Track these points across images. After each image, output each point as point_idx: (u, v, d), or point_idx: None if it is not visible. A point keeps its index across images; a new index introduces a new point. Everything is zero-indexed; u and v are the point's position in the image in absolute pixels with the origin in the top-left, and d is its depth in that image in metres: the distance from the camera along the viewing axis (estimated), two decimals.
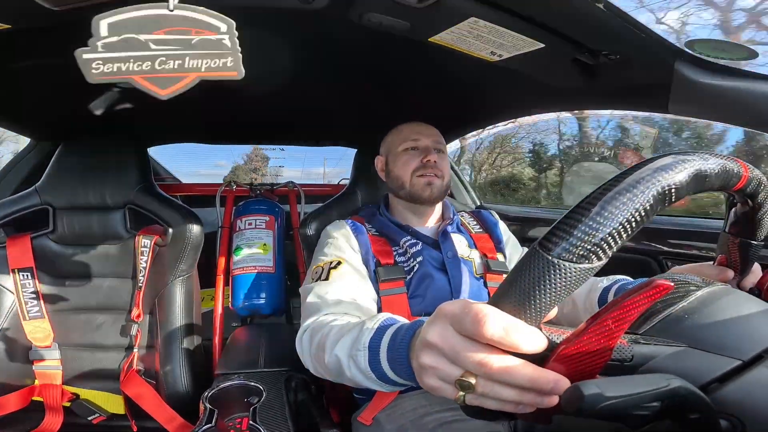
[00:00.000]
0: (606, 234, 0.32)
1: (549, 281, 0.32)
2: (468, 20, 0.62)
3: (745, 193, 0.42)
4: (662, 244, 1.12)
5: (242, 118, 1.38)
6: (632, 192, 0.32)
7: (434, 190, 1.00)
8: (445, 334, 0.36)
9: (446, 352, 0.36)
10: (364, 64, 0.95)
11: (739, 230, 0.51)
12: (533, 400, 0.33)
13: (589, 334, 0.32)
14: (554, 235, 0.33)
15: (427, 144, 1.03)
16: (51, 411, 1.12)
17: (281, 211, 1.50)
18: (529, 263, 0.33)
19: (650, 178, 0.33)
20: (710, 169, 0.36)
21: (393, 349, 0.51)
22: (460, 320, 0.35)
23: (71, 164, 1.18)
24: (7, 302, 1.15)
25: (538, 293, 0.32)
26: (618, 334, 0.32)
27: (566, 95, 0.94)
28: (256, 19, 0.72)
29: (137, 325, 1.17)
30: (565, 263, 0.32)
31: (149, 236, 1.18)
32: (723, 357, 0.34)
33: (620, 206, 0.32)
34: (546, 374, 0.32)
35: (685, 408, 0.31)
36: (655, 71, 0.69)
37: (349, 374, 0.60)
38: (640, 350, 0.35)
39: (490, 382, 0.34)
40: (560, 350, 0.33)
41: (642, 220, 0.32)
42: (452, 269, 0.94)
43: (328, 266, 0.88)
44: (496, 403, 0.34)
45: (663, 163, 0.34)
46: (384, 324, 0.56)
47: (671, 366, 0.34)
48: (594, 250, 0.32)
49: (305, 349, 0.74)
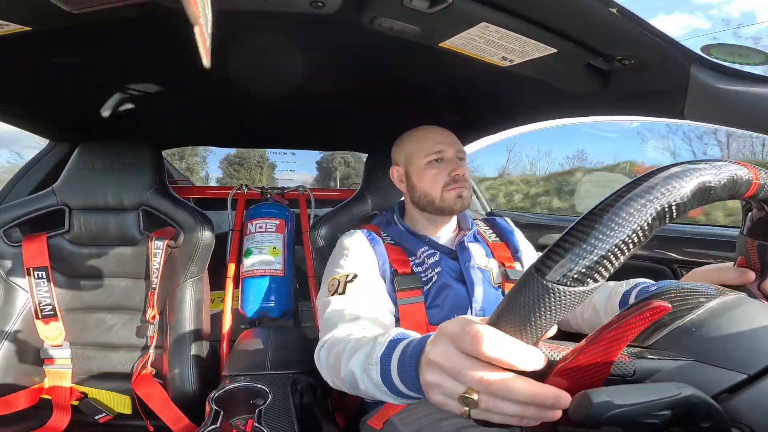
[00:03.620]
0: (600, 257, 0.31)
1: (544, 305, 0.32)
2: (479, 25, 0.62)
3: (758, 199, 0.41)
4: (677, 252, 1.10)
5: (254, 121, 1.39)
6: (628, 212, 0.31)
7: (465, 202, 0.99)
8: (447, 352, 0.38)
9: (448, 370, 0.38)
10: (375, 69, 0.96)
11: (757, 233, 0.49)
12: (536, 414, 0.34)
13: (586, 353, 0.32)
14: (549, 259, 0.32)
15: (452, 155, 1.00)
16: (59, 409, 1.14)
17: (291, 215, 1.50)
18: (525, 286, 0.33)
19: (648, 196, 0.31)
20: (715, 180, 0.34)
21: (402, 363, 0.52)
22: (460, 339, 0.36)
23: (88, 165, 1.21)
24: (20, 300, 1.17)
25: (534, 316, 0.33)
26: (616, 353, 0.32)
27: (579, 101, 0.93)
28: (267, 24, 0.73)
29: (153, 326, 1.18)
30: (560, 287, 0.31)
31: (162, 238, 1.19)
32: (728, 371, 0.33)
33: (615, 228, 0.31)
34: (546, 389, 0.33)
35: (697, 416, 0.30)
36: (670, 76, 0.68)
37: (364, 387, 0.61)
38: (643, 365, 0.35)
39: (492, 398, 0.35)
40: (558, 367, 0.33)
41: (640, 240, 0.31)
42: (471, 279, 0.93)
43: (345, 279, 0.88)
44: (499, 417, 0.36)
45: (663, 177, 0.32)
46: (395, 339, 0.57)
47: (675, 380, 0.33)
48: (589, 274, 0.31)
49: (323, 364, 0.75)
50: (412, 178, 1.03)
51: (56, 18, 0.59)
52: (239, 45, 0.82)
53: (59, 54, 0.82)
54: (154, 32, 0.76)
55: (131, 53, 0.85)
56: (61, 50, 0.80)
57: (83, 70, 0.93)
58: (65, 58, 0.84)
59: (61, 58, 0.84)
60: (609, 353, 0.32)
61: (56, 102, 1.12)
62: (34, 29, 0.63)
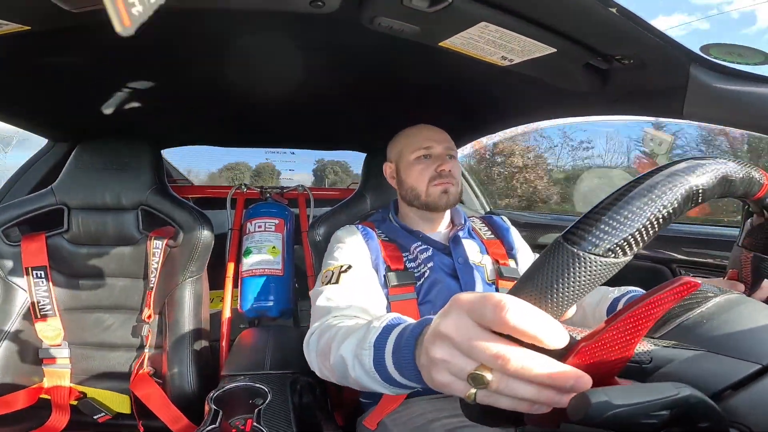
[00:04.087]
0: (634, 230, 0.31)
1: (573, 273, 0.31)
2: (478, 25, 0.62)
3: (763, 204, 0.42)
4: (676, 252, 1.10)
5: (253, 121, 1.39)
6: (661, 190, 0.32)
7: (450, 198, 1.00)
8: (460, 324, 0.34)
9: (460, 344, 0.33)
10: (374, 69, 0.96)
11: (753, 243, 0.50)
12: (551, 398, 0.31)
13: (611, 331, 0.30)
14: (580, 228, 0.32)
15: (440, 151, 1.02)
16: (58, 409, 1.14)
17: (291, 215, 1.50)
18: (552, 255, 0.32)
19: (679, 178, 0.33)
20: (735, 174, 0.36)
21: (398, 347, 0.50)
22: (479, 309, 0.33)
23: (87, 165, 1.20)
24: (19, 300, 1.17)
25: (561, 285, 0.31)
26: (642, 332, 0.30)
27: (578, 100, 0.93)
28: (267, 23, 0.73)
29: (148, 326, 1.18)
30: (591, 256, 0.31)
31: (161, 237, 1.19)
32: (742, 361, 0.33)
33: (649, 203, 0.32)
34: (567, 369, 0.30)
35: (695, 416, 0.30)
36: (669, 76, 0.68)
37: (354, 375, 0.58)
38: (659, 353, 0.35)
39: (506, 378, 0.31)
40: (580, 347, 0.31)
41: (668, 218, 0.32)
42: (463, 275, 0.93)
43: (339, 270, 0.88)
44: (509, 401, 0.32)
45: (692, 164, 0.34)
46: (391, 323, 0.55)
47: (690, 370, 0.34)
48: (621, 245, 0.31)
49: (312, 351, 0.74)
50: (401, 173, 1.05)
51: (56, 17, 0.59)
52: (239, 44, 0.82)
53: (58, 53, 0.82)
54: (153, 31, 0.76)
55: (130, 53, 0.85)
56: (60, 50, 0.80)
57: (82, 69, 0.92)
58: (64, 57, 0.84)
59: (60, 58, 0.84)
60: (635, 332, 0.30)
61: (55, 101, 1.12)
62: (34, 29, 0.62)
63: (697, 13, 25.11)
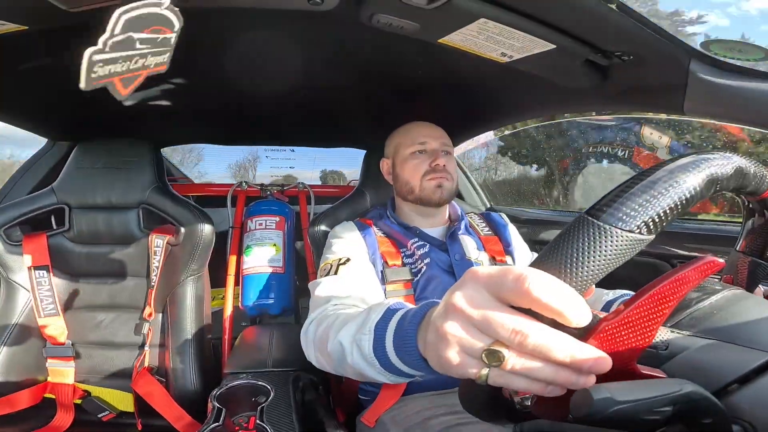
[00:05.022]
0: (659, 208, 0.32)
1: (600, 246, 0.30)
2: (478, 21, 0.62)
3: (766, 205, 0.43)
4: (676, 248, 1.10)
5: (253, 119, 1.39)
6: (686, 174, 0.33)
7: (444, 193, 1.00)
8: (476, 297, 0.32)
9: (476, 319, 0.31)
10: (373, 66, 0.96)
11: (751, 246, 0.51)
12: (568, 379, 0.30)
13: (635, 310, 0.30)
14: (605, 204, 0.32)
15: (435, 147, 1.03)
16: (62, 408, 1.14)
17: (291, 212, 1.50)
18: (577, 228, 0.32)
19: (701, 165, 0.34)
20: (749, 168, 0.38)
21: (400, 331, 0.48)
22: (499, 281, 0.31)
23: (87, 164, 1.21)
24: (22, 299, 1.17)
25: (587, 258, 0.30)
26: (665, 313, 0.30)
27: (578, 97, 0.93)
28: (266, 21, 0.73)
29: (149, 324, 1.19)
30: (616, 230, 0.31)
31: (162, 236, 1.19)
32: (753, 350, 0.34)
33: (674, 184, 0.32)
34: (588, 349, 0.29)
35: (698, 413, 0.30)
36: (669, 72, 0.68)
37: (351, 361, 0.56)
38: (675, 341, 0.36)
39: (523, 356, 0.30)
40: (602, 326, 0.30)
41: (689, 203, 0.33)
42: (460, 271, 0.94)
43: (337, 263, 0.89)
44: (524, 381, 0.31)
45: (710, 155, 0.36)
46: (393, 308, 0.53)
47: (704, 358, 0.34)
48: (647, 222, 0.31)
49: (309, 339, 0.73)
50: (397, 168, 1.06)
51: (52, 17, 0.59)
52: (238, 42, 0.82)
53: (56, 53, 0.81)
54: None
55: None
56: (58, 49, 0.80)
57: (80, 68, 0.92)
58: (62, 57, 0.83)
59: (58, 58, 0.83)
60: (658, 313, 0.29)
61: (54, 101, 1.11)
62: (31, 29, 0.62)
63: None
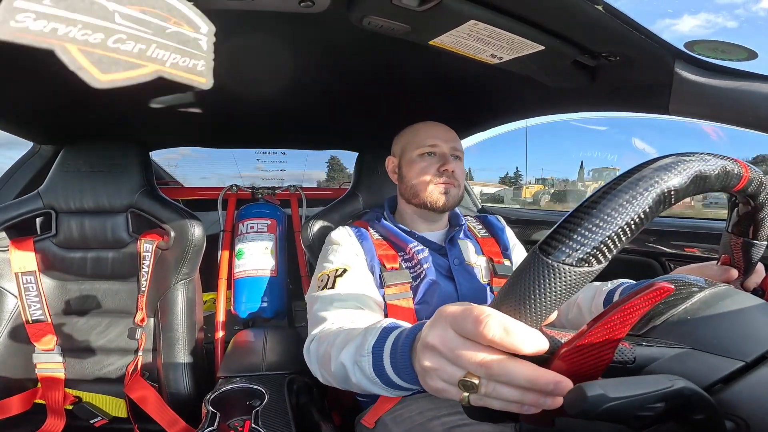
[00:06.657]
0: (605, 237, 0.32)
1: (549, 284, 0.32)
2: (468, 23, 0.62)
3: (746, 194, 0.42)
4: (665, 246, 1.11)
5: (244, 121, 1.38)
6: (631, 195, 0.32)
7: (450, 199, 0.97)
8: (445, 335, 0.37)
9: (447, 354, 0.36)
10: (365, 67, 0.96)
11: (741, 230, 0.50)
12: (535, 401, 0.33)
13: (590, 336, 0.32)
14: (553, 239, 0.33)
15: (445, 151, 0.99)
16: (53, 414, 1.13)
17: (283, 215, 1.50)
18: (528, 267, 0.33)
19: (650, 181, 0.33)
20: (710, 170, 0.36)
21: (395, 353, 0.51)
22: (461, 322, 0.35)
23: (74, 168, 1.19)
24: (9, 305, 1.15)
25: (538, 296, 0.32)
26: (619, 336, 0.31)
27: (567, 97, 0.94)
28: (256, 23, 0.73)
29: (141, 329, 1.17)
30: (565, 267, 0.32)
31: (151, 240, 1.18)
32: (726, 358, 0.34)
33: (619, 209, 0.32)
34: (546, 374, 0.32)
35: (690, 409, 0.31)
36: (655, 72, 0.69)
37: (355, 380, 0.60)
38: (643, 352, 0.35)
39: (492, 383, 0.34)
40: (561, 351, 0.33)
41: (641, 223, 0.32)
42: (459, 276, 0.94)
43: (334, 274, 0.88)
44: (500, 403, 0.34)
45: (662, 164, 0.34)
46: (387, 328, 0.56)
47: (674, 368, 0.34)
48: (593, 254, 0.32)
49: (312, 359, 0.74)
50: (403, 169, 1.03)
51: None
52: (228, 44, 0.81)
53: (42, 55, 0.80)
54: None
55: None
56: (43, 52, 0.79)
57: (67, 70, 0.91)
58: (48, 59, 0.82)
59: (43, 59, 0.82)
60: (613, 336, 0.31)
61: (39, 104, 1.10)
62: None
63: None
